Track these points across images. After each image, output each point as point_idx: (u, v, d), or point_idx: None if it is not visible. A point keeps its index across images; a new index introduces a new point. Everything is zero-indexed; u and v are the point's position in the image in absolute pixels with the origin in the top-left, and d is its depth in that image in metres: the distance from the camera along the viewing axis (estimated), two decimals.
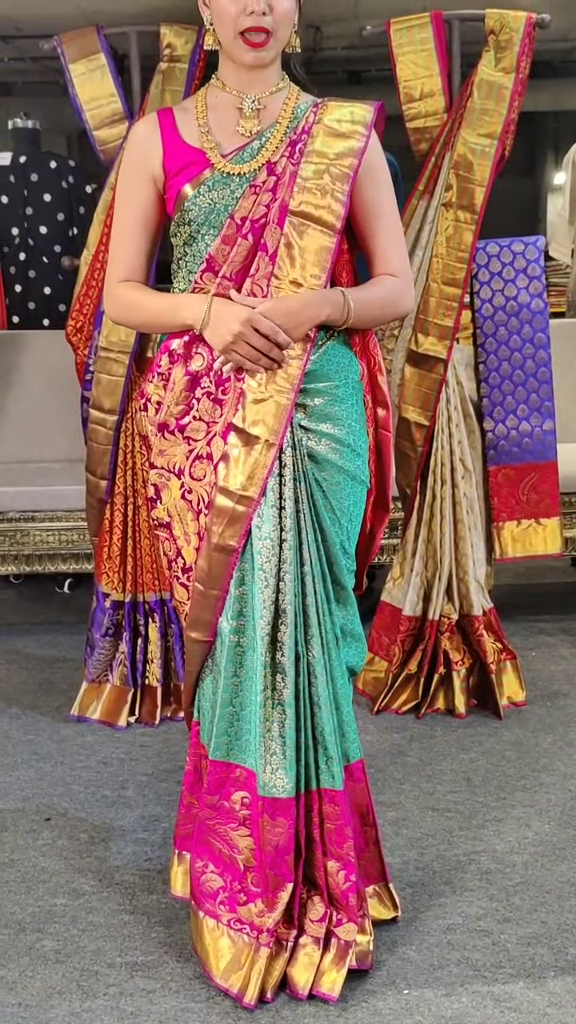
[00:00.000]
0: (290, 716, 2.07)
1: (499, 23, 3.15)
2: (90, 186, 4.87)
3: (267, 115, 2.13)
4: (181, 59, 3.24)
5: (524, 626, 4.12)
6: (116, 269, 2.20)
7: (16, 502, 3.94)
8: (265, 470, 2.06)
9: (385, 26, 3.26)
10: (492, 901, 2.39)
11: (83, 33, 3.24)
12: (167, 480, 2.17)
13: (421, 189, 3.26)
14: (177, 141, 2.13)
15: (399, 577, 3.40)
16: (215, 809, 2.17)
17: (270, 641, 2.07)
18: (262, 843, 2.11)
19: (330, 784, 2.13)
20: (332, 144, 2.09)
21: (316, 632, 2.10)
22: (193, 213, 2.11)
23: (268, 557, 2.07)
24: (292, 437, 2.09)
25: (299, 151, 2.09)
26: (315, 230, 2.07)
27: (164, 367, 2.16)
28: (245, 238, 2.09)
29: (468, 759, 3.07)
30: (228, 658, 2.11)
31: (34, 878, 2.52)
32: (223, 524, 2.08)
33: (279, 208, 2.08)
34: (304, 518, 2.10)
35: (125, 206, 2.19)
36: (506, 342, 3.38)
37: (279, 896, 2.12)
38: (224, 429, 2.08)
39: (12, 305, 4.86)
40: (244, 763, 2.13)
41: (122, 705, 3.35)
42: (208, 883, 2.18)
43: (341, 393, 2.14)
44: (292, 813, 2.09)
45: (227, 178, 2.09)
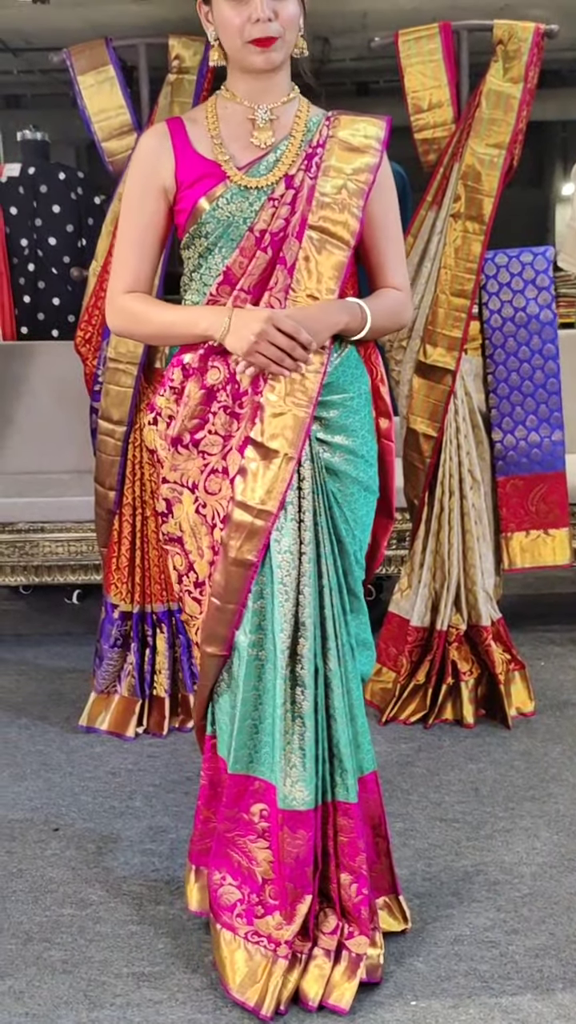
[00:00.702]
0: (309, 728, 2.07)
1: (507, 33, 3.15)
2: (99, 197, 4.89)
3: (280, 126, 2.12)
4: (190, 71, 3.25)
5: (533, 636, 4.11)
6: (121, 279, 2.18)
7: (25, 513, 3.95)
8: (284, 484, 2.06)
9: (393, 37, 3.26)
10: (500, 912, 2.38)
11: (92, 45, 3.26)
12: (180, 494, 2.16)
13: (429, 200, 3.26)
14: (189, 152, 2.12)
15: (407, 588, 3.40)
16: (234, 821, 2.16)
17: (290, 654, 2.07)
18: (282, 855, 2.11)
19: (344, 797, 2.13)
20: (348, 159, 2.09)
21: (333, 644, 2.10)
22: (210, 226, 2.10)
23: (288, 570, 2.07)
24: (310, 450, 2.09)
25: (316, 165, 2.09)
26: (332, 245, 2.07)
27: (177, 381, 2.15)
28: (264, 251, 2.09)
29: (476, 770, 3.06)
30: (247, 672, 2.10)
31: (42, 888, 2.52)
32: (241, 538, 2.07)
33: (298, 222, 2.08)
34: (322, 530, 2.10)
35: (132, 216, 2.17)
36: (515, 353, 3.38)
37: (298, 908, 2.12)
38: (241, 443, 2.08)
39: (21, 316, 4.87)
40: (263, 776, 2.13)
41: (130, 716, 3.35)
42: (226, 895, 2.18)
43: (355, 404, 2.15)
44: (312, 825, 2.09)
45: (244, 191, 2.09)
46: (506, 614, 3.46)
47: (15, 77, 12.43)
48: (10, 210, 4.81)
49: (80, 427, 3.78)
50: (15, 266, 4.85)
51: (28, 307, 4.87)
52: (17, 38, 10.78)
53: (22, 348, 4.58)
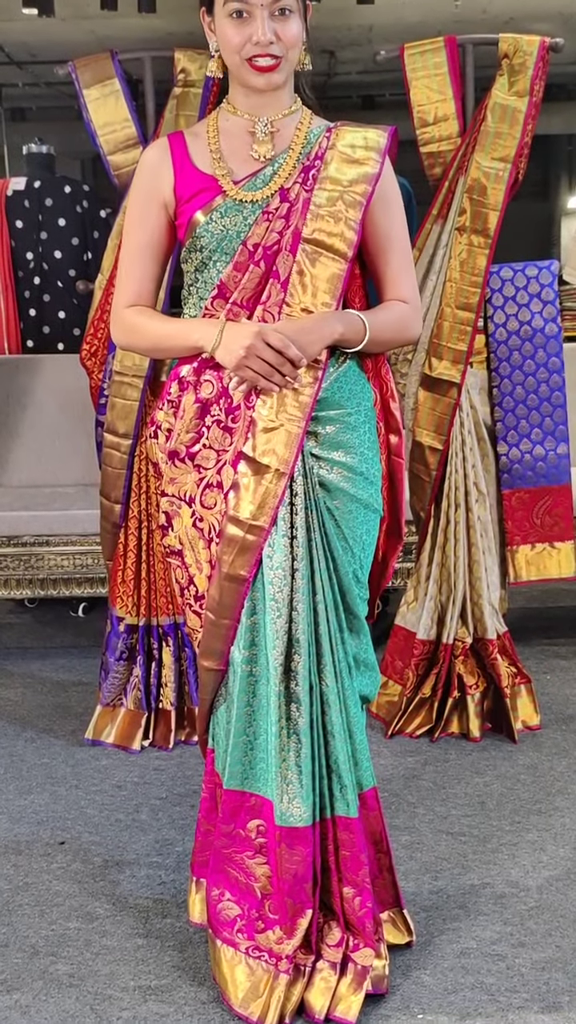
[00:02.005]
0: (305, 745, 2.06)
1: (513, 47, 3.16)
2: (104, 211, 4.90)
3: (280, 139, 2.12)
4: (195, 84, 3.26)
5: (538, 650, 4.11)
6: (124, 294, 2.19)
7: (31, 526, 3.95)
8: (276, 499, 2.05)
9: (399, 51, 3.28)
10: (506, 925, 2.38)
11: (97, 59, 3.27)
12: (178, 508, 2.16)
13: (435, 213, 3.27)
14: (188, 167, 2.13)
15: (413, 601, 3.40)
16: (230, 838, 2.16)
17: (283, 671, 2.07)
18: (280, 872, 2.10)
19: (344, 812, 2.12)
20: (346, 170, 2.08)
21: (329, 661, 2.10)
22: (205, 240, 2.11)
23: (280, 587, 2.06)
24: (303, 465, 2.08)
25: (312, 177, 2.08)
26: (327, 258, 2.06)
27: (174, 394, 2.15)
28: (257, 265, 2.09)
29: (482, 783, 3.05)
30: (241, 687, 2.10)
31: (48, 902, 2.51)
32: (233, 553, 2.07)
33: (292, 235, 2.07)
34: (316, 547, 2.09)
35: (135, 231, 2.18)
36: (520, 366, 3.38)
37: (298, 923, 2.11)
38: (234, 457, 2.08)
39: (27, 329, 4.88)
40: (259, 792, 2.13)
41: (136, 729, 3.34)
42: (225, 911, 2.17)
43: (353, 420, 2.13)
44: (309, 841, 2.09)
45: (239, 205, 2.09)
46: (512, 627, 3.46)
47: (21, 90, 12.50)
48: (16, 223, 4.83)
49: (85, 440, 3.79)
50: (20, 279, 4.86)
51: (33, 320, 4.88)
52: (23, 51, 10.84)
53: (28, 362, 4.59)
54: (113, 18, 8.32)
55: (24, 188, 4.85)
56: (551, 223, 14.46)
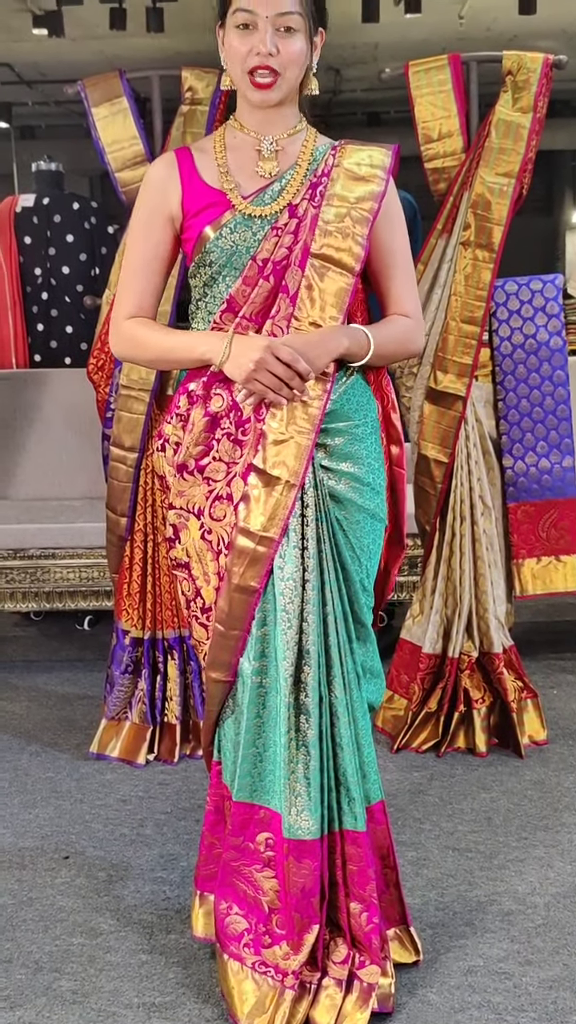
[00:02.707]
0: (314, 757, 2.06)
1: (516, 64, 3.18)
2: (112, 227, 4.93)
3: (286, 157, 2.14)
4: (202, 102, 3.28)
5: (545, 664, 4.10)
6: (124, 305, 2.20)
7: (37, 539, 3.96)
8: (286, 511, 2.06)
9: (404, 68, 3.29)
10: (513, 943, 2.36)
11: (106, 77, 3.29)
12: (186, 520, 2.17)
13: (440, 228, 3.28)
14: (196, 181, 2.14)
15: (419, 614, 3.39)
16: (239, 850, 2.15)
17: (293, 682, 2.07)
18: (288, 885, 2.09)
19: (352, 825, 2.11)
20: (352, 187, 2.10)
21: (338, 672, 2.10)
22: (214, 255, 2.12)
23: (291, 598, 2.07)
24: (313, 477, 2.09)
25: (320, 194, 2.10)
26: (335, 272, 2.08)
27: (183, 408, 2.16)
28: (267, 280, 2.10)
29: (489, 798, 3.04)
30: (250, 699, 2.10)
31: (52, 917, 2.50)
32: (244, 565, 2.07)
33: (301, 251, 2.09)
34: (326, 558, 2.10)
35: (139, 244, 2.19)
36: (525, 380, 3.39)
37: (305, 938, 2.10)
38: (244, 470, 2.08)
39: (34, 344, 4.90)
40: (268, 804, 2.12)
41: (141, 743, 3.34)
42: (232, 925, 2.16)
43: (360, 432, 2.15)
44: (317, 855, 2.08)
45: (248, 220, 2.10)
46: (518, 641, 3.45)
47: (30, 108, 12.59)
48: (24, 239, 4.85)
49: (92, 454, 3.79)
50: (29, 295, 4.88)
51: (41, 335, 4.90)
52: (33, 71, 10.93)
53: (35, 376, 4.61)
54: (121, 38, 8.40)
55: (33, 205, 4.88)
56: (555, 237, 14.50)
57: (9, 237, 4.85)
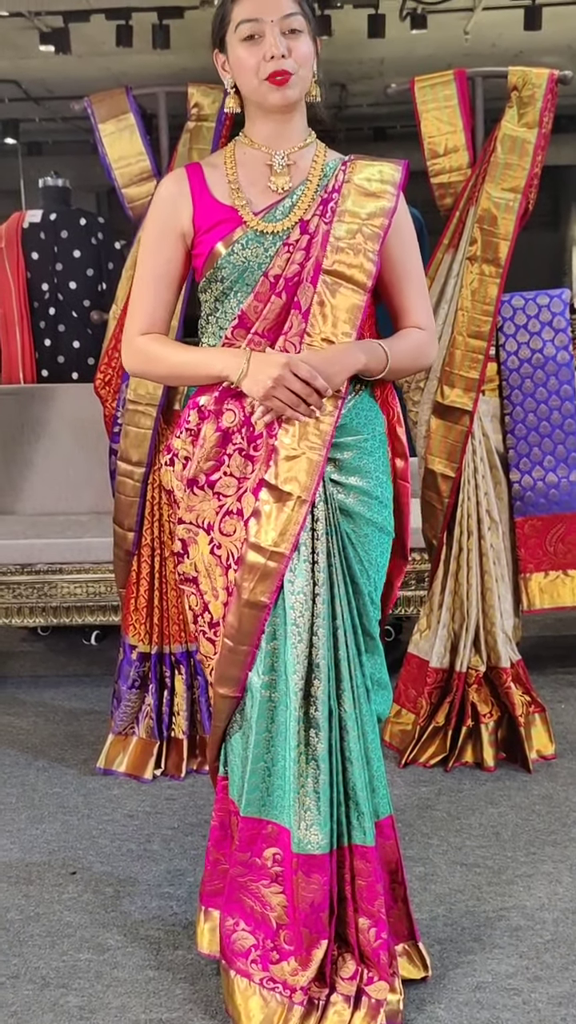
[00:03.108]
0: (324, 772, 2.06)
1: (522, 80, 3.19)
2: (119, 242, 4.95)
3: (297, 171, 2.14)
4: (208, 118, 3.29)
5: (552, 678, 4.09)
6: (137, 321, 2.20)
7: (44, 554, 3.96)
8: (297, 526, 2.06)
9: (409, 84, 3.31)
10: (522, 959, 2.35)
11: (113, 94, 3.31)
12: (195, 535, 2.17)
13: (446, 243, 3.28)
14: (207, 198, 2.15)
15: (426, 629, 3.39)
16: (246, 866, 2.14)
17: (303, 696, 2.06)
18: (296, 900, 2.08)
19: (361, 840, 2.11)
20: (363, 203, 2.10)
21: (348, 686, 2.09)
22: (226, 271, 2.12)
23: (301, 612, 2.06)
24: (324, 491, 2.10)
25: (331, 210, 2.10)
26: (347, 289, 2.08)
27: (193, 423, 2.16)
28: (279, 296, 2.10)
29: (497, 813, 3.03)
30: (259, 713, 2.09)
31: (59, 932, 2.50)
32: (254, 580, 2.07)
33: (313, 267, 2.09)
34: (336, 571, 2.10)
35: (150, 260, 2.20)
36: (532, 394, 3.39)
37: (313, 954, 2.09)
38: (256, 485, 2.09)
39: (41, 359, 4.92)
40: (276, 819, 2.11)
41: (148, 758, 3.33)
42: (239, 941, 2.15)
43: (369, 446, 2.15)
44: (327, 869, 2.07)
45: (260, 236, 2.11)
46: (525, 656, 3.44)
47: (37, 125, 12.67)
48: (32, 255, 4.87)
49: (99, 469, 3.80)
50: (36, 310, 4.90)
51: (48, 350, 4.92)
52: (40, 87, 11.00)
53: (42, 391, 4.62)
54: (128, 55, 8.45)
55: (40, 220, 4.90)
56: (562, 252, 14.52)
57: (16, 253, 4.87)
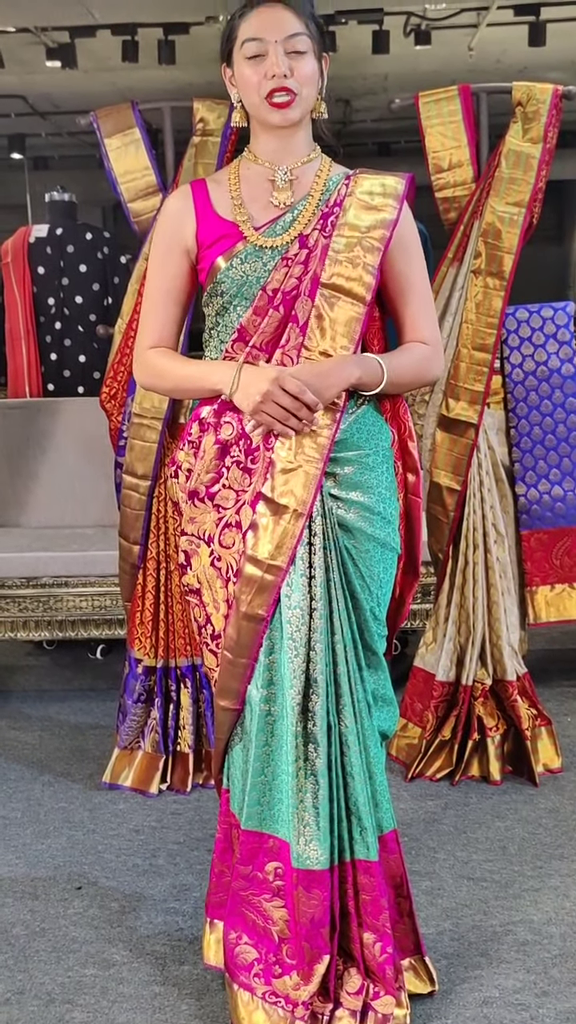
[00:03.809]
0: (323, 786, 2.05)
1: (526, 95, 3.20)
2: (124, 257, 4.96)
3: (300, 186, 2.15)
4: (213, 133, 3.31)
5: (559, 691, 4.08)
6: (147, 336, 2.23)
7: (49, 567, 3.96)
8: (294, 539, 2.06)
9: (414, 99, 3.32)
10: (529, 974, 2.34)
11: (118, 109, 3.32)
12: (197, 547, 2.18)
13: (450, 256, 3.29)
14: (210, 214, 2.17)
15: (432, 642, 3.38)
16: (248, 880, 2.14)
17: (301, 711, 2.06)
18: (297, 915, 2.08)
19: (364, 855, 2.10)
20: (364, 217, 2.11)
21: (348, 701, 2.09)
22: (226, 285, 2.14)
23: (298, 626, 2.06)
24: (322, 506, 2.10)
25: (331, 224, 2.11)
26: (345, 302, 2.08)
27: (195, 435, 2.18)
28: (276, 309, 2.11)
29: (504, 827, 3.02)
30: (258, 727, 2.09)
31: (64, 948, 2.49)
32: (251, 593, 2.08)
33: (311, 280, 2.10)
34: (335, 587, 2.09)
35: (157, 276, 2.22)
36: (537, 407, 3.39)
37: (315, 969, 2.08)
38: (253, 498, 2.09)
39: (48, 373, 4.93)
40: (276, 833, 2.11)
41: (154, 772, 3.33)
42: (242, 955, 2.15)
43: (371, 461, 2.15)
44: (327, 885, 2.06)
45: (260, 251, 2.12)
46: (531, 669, 3.44)
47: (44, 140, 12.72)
48: (38, 270, 4.88)
49: (105, 482, 3.80)
50: (42, 324, 4.91)
51: (54, 364, 4.93)
52: (46, 102, 11.05)
53: (48, 405, 4.63)
54: (134, 70, 8.49)
55: (46, 235, 4.91)
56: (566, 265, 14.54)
57: (23, 267, 4.88)
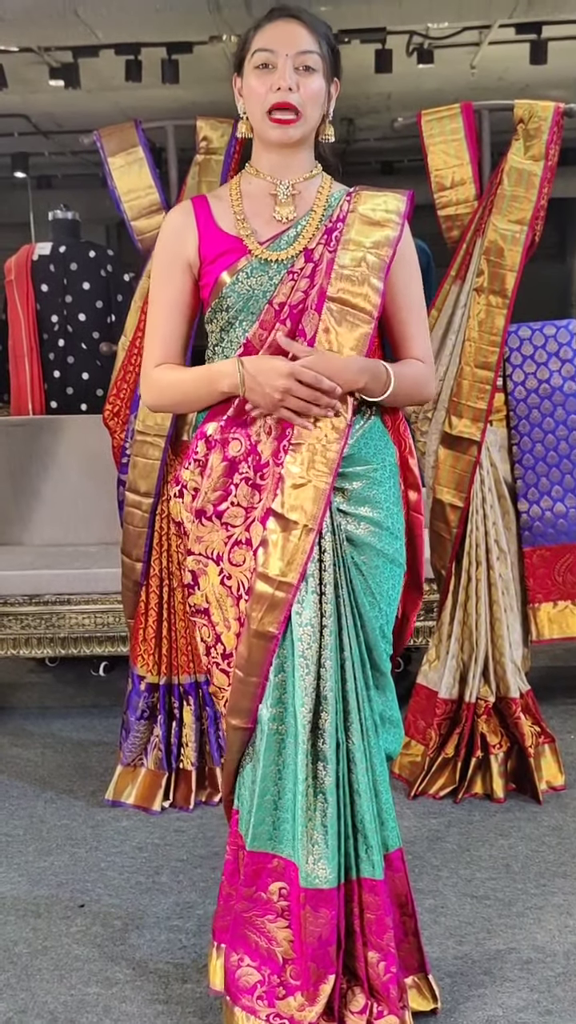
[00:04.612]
0: (331, 805, 2.04)
1: (528, 113, 3.21)
2: (128, 274, 4.97)
3: (302, 202, 2.16)
4: (217, 151, 3.32)
5: (562, 709, 4.07)
6: (152, 354, 2.22)
7: (52, 585, 3.96)
8: (304, 555, 2.06)
9: (416, 117, 3.33)
10: (533, 992, 2.33)
11: (122, 127, 3.34)
12: (205, 566, 2.16)
13: (453, 274, 3.30)
14: (213, 228, 2.17)
15: (435, 659, 3.38)
16: (251, 901, 2.13)
17: (311, 729, 2.05)
18: (304, 935, 2.07)
19: (370, 873, 2.10)
20: (368, 233, 2.11)
21: (356, 719, 2.09)
22: (231, 300, 2.14)
23: (309, 643, 2.06)
24: (331, 521, 2.09)
25: (335, 239, 2.11)
26: (354, 317, 2.08)
27: (201, 453, 2.17)
28: (283, 323, 2.11)
29: (507, 845, 3.01)
30: (267, 746, 2.09)
31: (67, 966, 2.48)
32: (262, 610, 2.07)
33: (317, 294, 2.10)
34: (344, 603, 2.09)
35: (160, 292, 2.22)
36: (539, 424, 3.39)
37: (320, 988, 2.07)
38: (263, 514, 2.09)
39: (51, 390, 4.94)
40: (281, 853, 2.10)
41: (156, 789, 3.32)
42: (244, 977, 2.13)
43: (379, 476, 2.15)
44: (334, 903, 2.06)
45: (265, 265, 2.12)
46: (534, 686, 3.43)
47: (47, 159, 12.78)
48: (41, 287, 4.90)
49: (107, 500, 3.80)
50: (45, 342, 4.93)
51: (57, 382, 4.94)
52: (49, 121, 11.10)
53: (51, 422, 4.64)
54: (137, 89, 8.52)
55: (50, 253, 4.93)
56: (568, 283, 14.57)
57: (26, 285, 4.90)
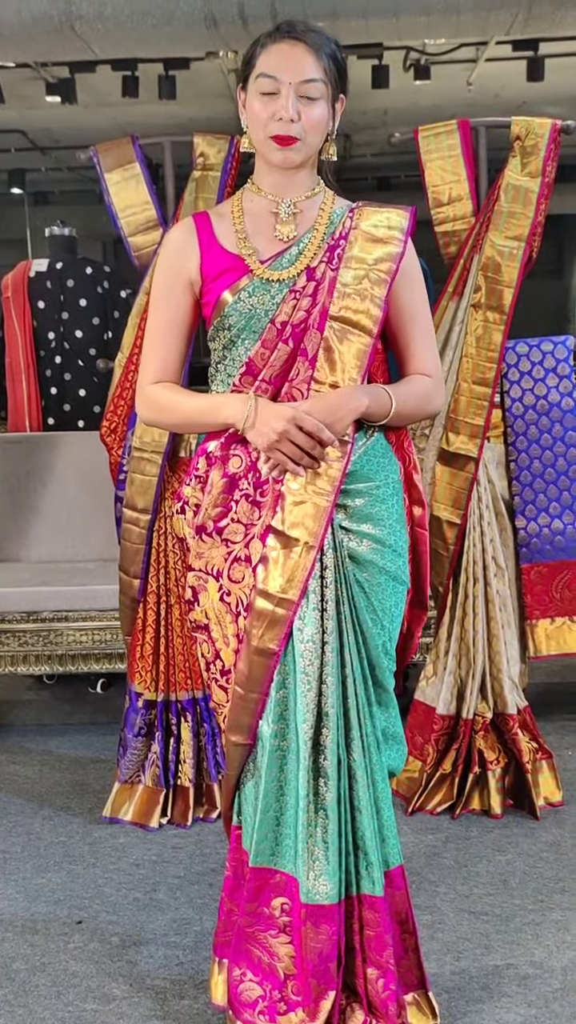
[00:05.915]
0: (332, 821, 2.04)
1: (525, 129, 3.23)
2: (125, 291, 4.98)
3: (304, 220, 2.16)
4: (214, 167, 3.33)
5: (560, 725, 4.06)
6: (149, 371, 2.22)
7: (50, 602, 3.96)
8: (305, 572, 2.05)
9: (413, 133, 3.34)
10: (531, 1008, 2.33)
11: (119, 143, 3.35)
12: (205, 582, 2.17)
13: (450, 291, 3.31)
14: (215, 247, 2.17)
15: (432, 675, 3.38)
16: (254, 916, 2.13)
17: (312, 745, 2.05)
18: (305, 951, 2.07)
19: (370, 890, 2.10)
20: (370, 249, 2.12)
21: (357, 735, 2.09)
22: (233, 319, 2.14)
23: (311, 660, 2.06)
24: (333, 538, 2.09)
25: (338, 256, 2.11)
26: (354, 335, 2.09)
27: (202, 470, 2.17)
28: (286, 343, 2.11)
29: (505, 861, 3.01)
30: (269, 762, 2.09)
31: (64, 982, 2.48)
32: (263, 627, 2.07)
33: (319, 313, 2.10)
34: (345, 620, 2.09)
35: (160, 309, 2.22)
36: (537, 440, 3.40)
37: (321, 1004, 2.07)
38: (263, 531, 2.09)
39: (48, 407, 4.94)
40: (284, 868, 2.10)
41: (154, 806, 3.31)
42: (247, 992, 2.13)
43: (382, 493, 2.15)
44: (336, 920, 2.06)
45: (267, 284, 2.12)
46: (532, 702, 3.43)
47: (44, 175, 12.81)
48: (38, 304, 4.90)
49: (105, 516, 3.80)
50: (42, 358, 4.93)
51: (55, 398, 4.94)
52: (46, 137, 11.13)
53: (48, 439, 4.64)
54: (134, 105, 8.54)
55: (46, 269, 4.94)
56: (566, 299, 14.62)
57: (23, 301, 4.90)
